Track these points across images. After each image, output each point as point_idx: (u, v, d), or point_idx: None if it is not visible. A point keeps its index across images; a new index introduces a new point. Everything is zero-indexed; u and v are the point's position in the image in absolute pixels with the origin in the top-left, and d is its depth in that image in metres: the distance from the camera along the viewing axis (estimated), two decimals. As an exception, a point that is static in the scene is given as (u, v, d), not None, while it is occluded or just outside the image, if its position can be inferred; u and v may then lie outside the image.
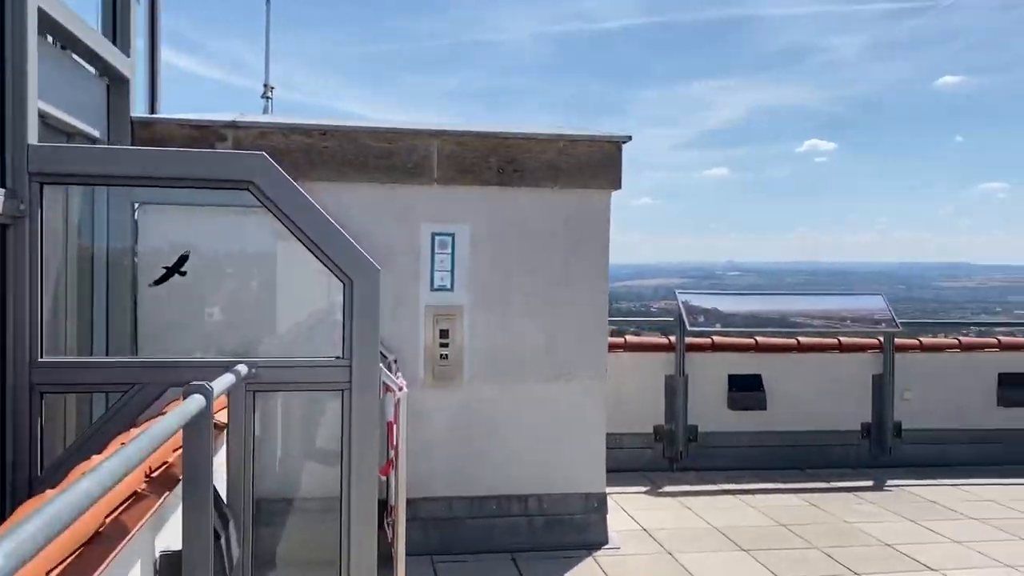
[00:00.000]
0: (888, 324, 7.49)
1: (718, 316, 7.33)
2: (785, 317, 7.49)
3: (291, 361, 3.58)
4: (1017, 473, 7.36)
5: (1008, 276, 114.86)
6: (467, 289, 5.31)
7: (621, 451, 7.24)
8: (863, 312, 7.60)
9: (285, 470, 5.09)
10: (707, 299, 7.44)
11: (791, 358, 7.59)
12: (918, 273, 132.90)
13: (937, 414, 7.69)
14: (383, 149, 5.17)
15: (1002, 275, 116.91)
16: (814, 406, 7.55)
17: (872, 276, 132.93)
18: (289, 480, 5.09)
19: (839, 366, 7.63)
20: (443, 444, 5.31)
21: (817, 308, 7.62)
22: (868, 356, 7.67)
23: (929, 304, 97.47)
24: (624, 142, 5.40)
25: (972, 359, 7.83)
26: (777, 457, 7.45)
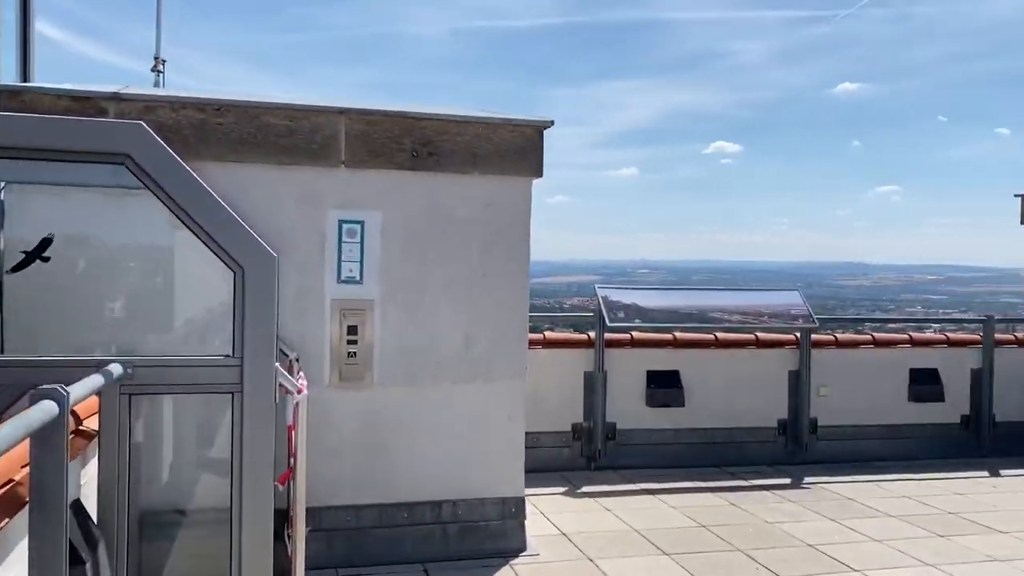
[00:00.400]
0: (805, 320, 7.42)
1: (637, 311, 7.12)
2: (704, 313, 7.34)
3: (172, 360, 3.14)
4: (927, 467, 7.40)
5: (901, 275, 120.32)
6: (378, 282, 4.91)
7: (539, 450, 6.95)
8: (780, 308, 7.52)
9: (177, 479, 4.60)
10: (626, 294, 7.22)
11: (709, 354, 7.45)
12: (817, 272, 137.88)
13: (852, 410, 7.67)
14: (285, 127, 4.72)
15: (895, 274, 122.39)
16: (732, 402, 7.43)
17: (774, 274, 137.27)
18: (181, 490, 4.61)
19: (757, 362, 7.54)
20: (350, 449, 4.91)
21: (735, 304, 7.50)
22: (785, 352, 7.59)
23: (828, 301, 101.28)
24: (546, 127, 5.09)
25: (885, 355, 7.85)
26: (695, 454, 7.30)
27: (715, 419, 7.38)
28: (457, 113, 5.00)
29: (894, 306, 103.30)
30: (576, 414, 7.11)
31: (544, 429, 6.95)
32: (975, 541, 5.44)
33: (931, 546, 5.35)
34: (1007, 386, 7.99)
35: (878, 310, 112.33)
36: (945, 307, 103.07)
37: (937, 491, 6.68)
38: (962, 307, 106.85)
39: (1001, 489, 6.81)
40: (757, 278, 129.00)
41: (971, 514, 6.05)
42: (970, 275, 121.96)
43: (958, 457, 7.77)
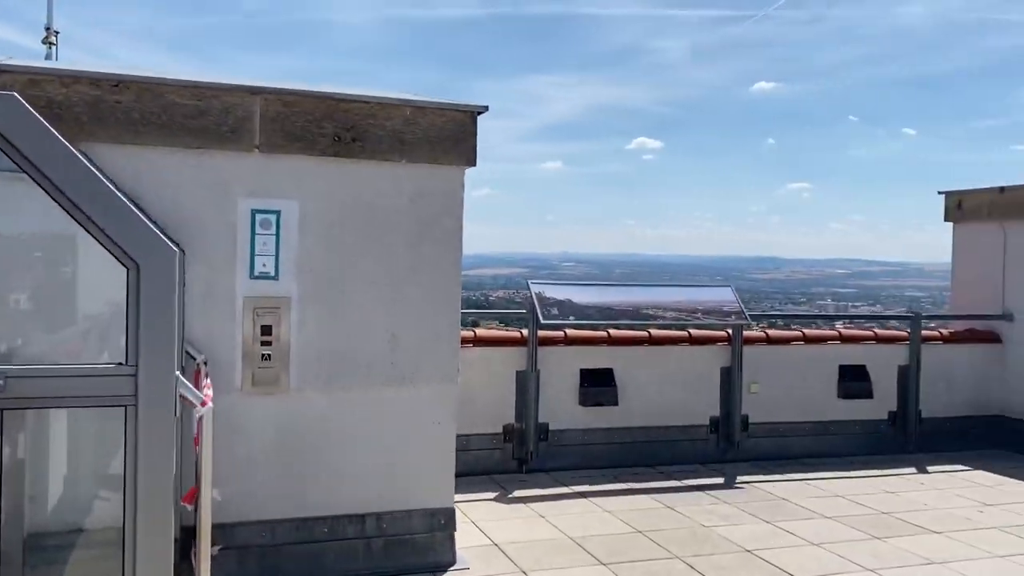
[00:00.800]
0: (737, 316, 7.29)
1: (571, 308, 6.86)
2: (638, 309, 7.13)
3: (53, 369, 2.71)
4: (857, 464, 7.36)
5: (811, 269, 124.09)
6: (295, 277, 4.50)
7: (468, 453, 6.63)
8: (713, 304, 7.36)
9: (73, 495, 4.13)
10: (560, 290, 6.95)
11: (643, 351, 7.24)
12: (733, 265, 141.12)
13: (782, 407, 7.59)
14: (193, 108, 4.27)
15: (806, 268, 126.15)
16: (665, 401, 7.25)
17: (693, 268, 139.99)
18: (77, 508, 4.14)
19: (690, 359, 7.37)
20: (265, 460, 4.49)
21: (669, 300, 7.31)
22: (718, 349, 7.45)
23: (744, 295, 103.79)
24: (479, 113, 4.76)
25: (815, 351, 7.78)
26: (629, 454, 7.09)
27: (649, 418, 7.19)
28: (384, 96, 4.62)
29: (805, 299, 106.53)
30: (507, 415, 6.81)
31: (474, 431, 6.64)
32: (911, 543, 5.35)
33: (869, 549, 5.23)
34: (932, 382, 8.03)
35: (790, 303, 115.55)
36: (853, 300, 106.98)
37: (869, 489, 6.62)
38: (869, 300, 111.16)
39: (928, 486, 6.80)
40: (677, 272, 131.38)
41: (904, 513, 5.98)
42: (876, 269, 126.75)
43: (886, 453, 7.77)
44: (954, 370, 8.19)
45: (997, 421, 8.24)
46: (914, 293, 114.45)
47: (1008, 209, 8.25)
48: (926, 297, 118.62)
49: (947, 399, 8.12)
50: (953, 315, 8.73)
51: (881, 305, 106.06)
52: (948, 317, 8.80)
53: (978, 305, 8.50)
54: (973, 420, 8.21)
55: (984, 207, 8.48)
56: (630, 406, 7.11)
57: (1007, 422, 8.19)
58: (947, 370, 8.14)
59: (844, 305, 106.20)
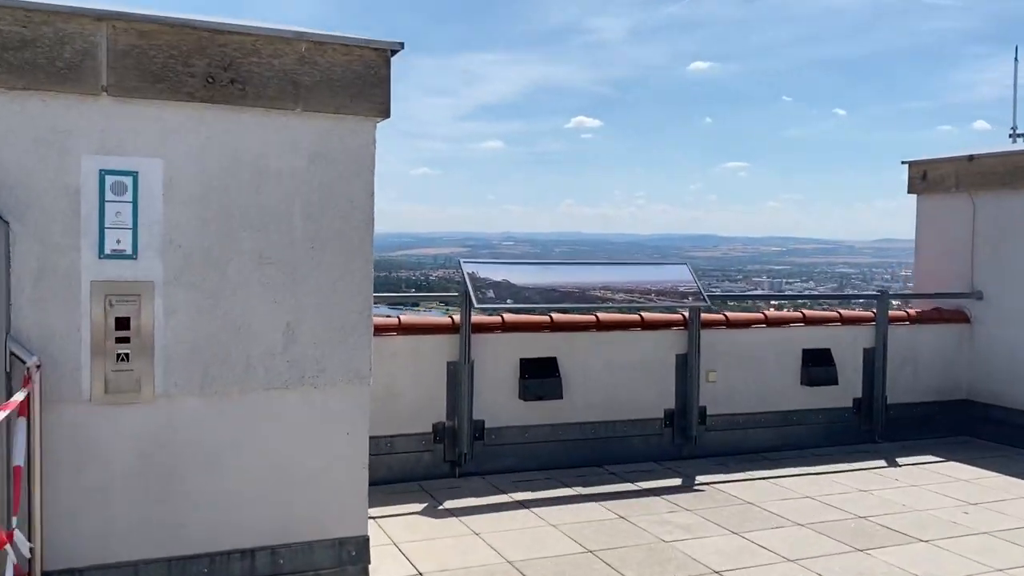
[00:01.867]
0: (695, 297, 6.52)
1: (510, 290, 6.00)
2: (585, 291, 6.30)
3: None
4: (823, 458, 6.69)
5: (747, 247, 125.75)
6: (160, 256, 3.54)
7: (394, 457, 5.76)
8: (668, 284, 6.58)
9: None
10: (496, 269, 6.08)
11: (590, 338, 6.42)
12: (671, 244, 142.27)
13: (742, 396, 6.86)
14: (16, 36, 3.26)
15: (742, 245, 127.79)
16: (615, 392, 6.45)
17: (632, 247, 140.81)
18: None
19: (642, 345, 6.58)
20: (125, 486, 3.54)
21: (620, 280, 6.50)
22: (673, 334, 6.67)
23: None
24: (394, 51, 3.84)
25: (777, 335, 7.06)
26: (575, 453, 6.29)
27: (597, 412, 6.39)
28: (272, 28, 3.66)
29: (742, 276, 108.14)
30: (438, 412, 5.93)
31: (399, 432, 5.76)
32: (899, 556, 4.65)
33: (853, 565, 4.52)
34: (899, 366, 7.40)
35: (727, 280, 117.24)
36: (788, 277, 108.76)
37: (839, 488, 5.94)
38: (803, 276, 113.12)
39: (903, 483, 6.14)
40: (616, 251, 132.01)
41: (883, 517, 5.30)
42: (809, 247, 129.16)
43: (851, 444, 7.13)
44: (920, 353, 7.56)
45: (964, 406, 7.66)
46: (845, 270, 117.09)
47: (977, 179, 7.63)
48: (856, 274, 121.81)
49: (913, 383, 7.50)
50: (919, 294, 8.11)
51: (814, 281, 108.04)
52: (914, 296, 8.18)
53: (944, 283, 7.90)
54: (939, 405, 7.61)
55: (951, 177, 7.86)
56: (576, 399, 6.30)
57: (974, 407, 7.61)
58: (913, 353, 7.51)
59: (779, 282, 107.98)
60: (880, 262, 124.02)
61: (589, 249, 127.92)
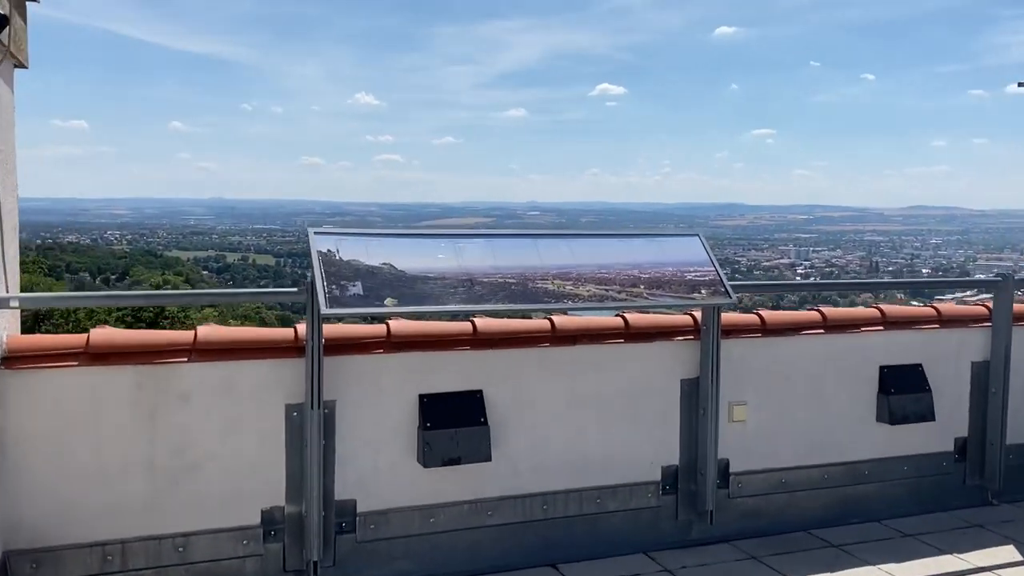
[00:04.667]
0: (711, 288, 3.90)
1: (395, 280, 3.42)
2: (531, 280, 3.69)
3: None
4: (909, 541, 4.10)
5: (775, 215, 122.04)
6: None
7: (193, 569, 3.28)
8: (670, 268, 3.95)
9: None
10: (374, 246, 3.49)
11: (540, 357, 3.86)
12: (697, 212, 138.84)
13: (785, 442, 4.27)
14: None
15: (770, 214, 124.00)
16: (582, 444, 3.90)
17: (658, 216, 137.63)
18: None
19: (627, 367, 4.00)
20: None
21: (592, 262, 3.89)
22: (676, 347, 4.08)
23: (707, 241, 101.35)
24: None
25: (841, 345, 4.43)
26: (514, 547, 3.76)
27: (551, 477, 3.84)
28: None
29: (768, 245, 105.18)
30: (272, 491, 3.42)
31: (201, 527, 3.27)
32: None
33: None
34: (1022, 389, 4.76)
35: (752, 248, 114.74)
36: (815, 245, 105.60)
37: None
38: (830, 244, 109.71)
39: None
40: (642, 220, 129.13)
41: None
42: (837, 214, 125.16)
43: (954, 507, 4.52)
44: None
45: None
46: (874, 238, 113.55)
47: None
48: (884, 242, 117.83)
49: (1045, 414, 4.85)
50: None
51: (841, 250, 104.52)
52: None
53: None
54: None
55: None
56: (516, 459, 3.76)
57: None
58: (1046, 367, 4.85)
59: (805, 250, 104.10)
60: (910, 229, 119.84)
61: (616, 219, 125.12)
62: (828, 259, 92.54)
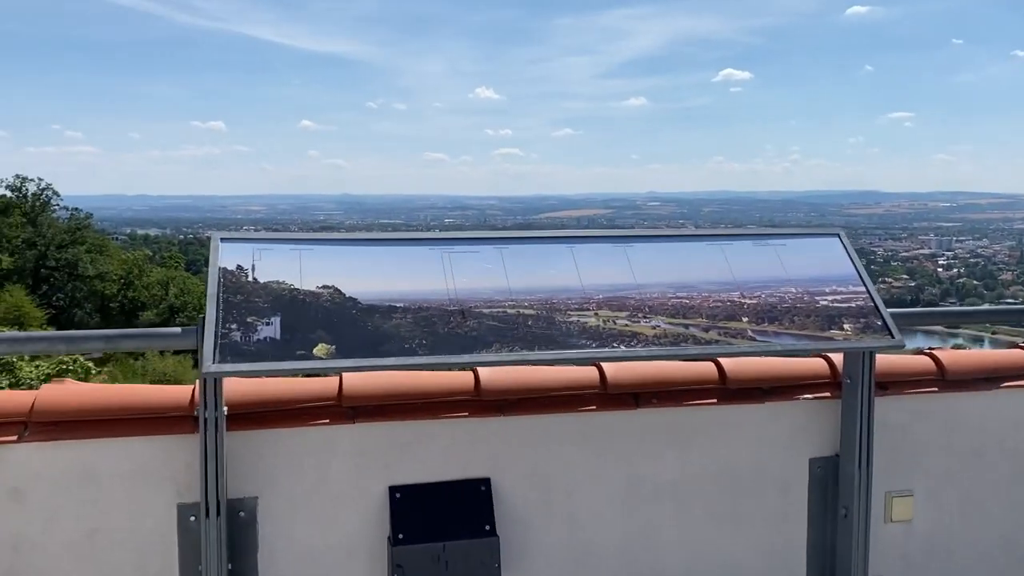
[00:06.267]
0: (863, 323, 2.42)
1: (349, 317, 2.16)
2: (562, 310, 2.34)
3: None
4: None
5: (914, 202, 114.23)
6: None
7: None
8: (794, 286, 2.51)
9: None
10: (318, 256, 2.25)
11: (583, 425, 2.52)
12: (830, 201, 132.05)
13: (971, 554, 2.75)
14: None
15: (908, 202, 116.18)
16: (650, 560, 2.53)
17: (785, 204, 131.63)
18: None
19: (723, 440, 2.58)
20: None
21: (665, 280, 2.50)
22: (802, 409, 2.63)
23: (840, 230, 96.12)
24: None
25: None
26: None
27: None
28: None
29: (906, 234, 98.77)
30: (155, 634, 2.24)
31: None
32: None
33: None
34: None
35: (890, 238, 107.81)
36: (958, 234, 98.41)
37: None
38: (976, 234, 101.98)
39: None
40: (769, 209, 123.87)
41: None
42: (984, 201, 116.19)
43: None
44: None
45: None
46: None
47: None
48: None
49: None
50: None
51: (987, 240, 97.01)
52: None
53: None
54: None
55: None
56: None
57: None
58: None
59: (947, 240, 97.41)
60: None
61: (741, 208, 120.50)
62: (973, 249, 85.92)
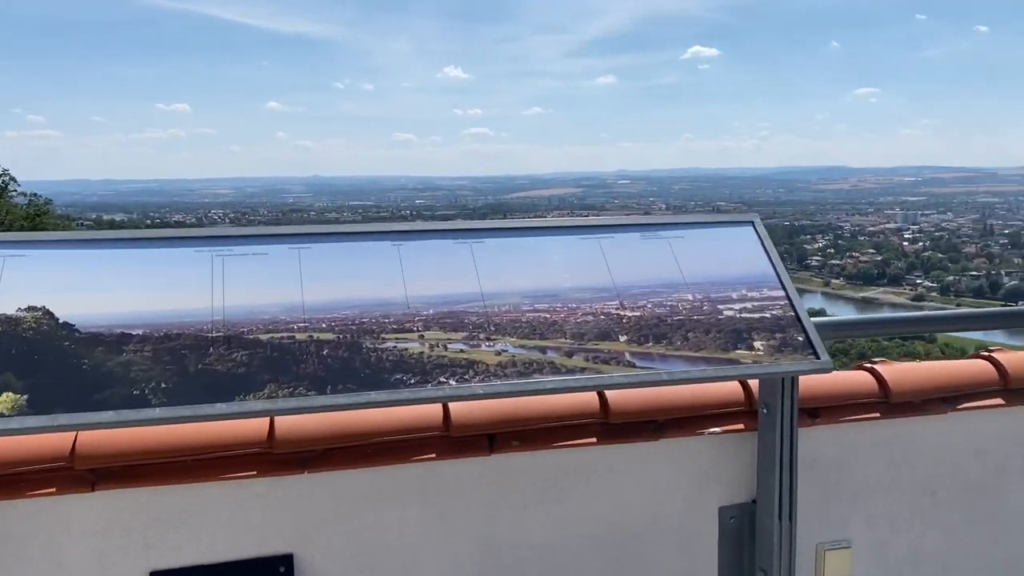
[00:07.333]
0: (780, 339, 1.87)
1: (60, 350, 1.56)
2: (363, 334, 1.74)
3: None
4: None
5: (880, 178, 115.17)
6: None
7: None
8: (690, 292, 1.94)
9: None
10: (67, 268, 1.64)
11: (422, 478, 1.94)
12: (799, 177, 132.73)
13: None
14: None
15: (875, 177, 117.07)
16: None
17: (754, 181, 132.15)
18: None
19: (608, 488, 2.03)
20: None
21: (523, 286, 1.91)
22: (707, 447, 2.08)
23: (808, 206, 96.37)
24: None
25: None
26: None
27: None
28: None
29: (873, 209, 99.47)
30: None
31: None
32: None
33: None
34: None
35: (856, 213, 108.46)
36: (923, 208, 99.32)
37: None
38: (941, 207, 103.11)
39: None
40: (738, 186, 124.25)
41: None
42: (948, 175, 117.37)
43: None
44: None
45: None
46: (987, 199, 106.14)
47: None
48: (1000, 203, 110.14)
49: None
50: None
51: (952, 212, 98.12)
52: None
53: None
54: None
55: None
56: None
57: None
58: None
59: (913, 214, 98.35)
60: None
61: (711, 185, 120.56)
62: (938, 223, 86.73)
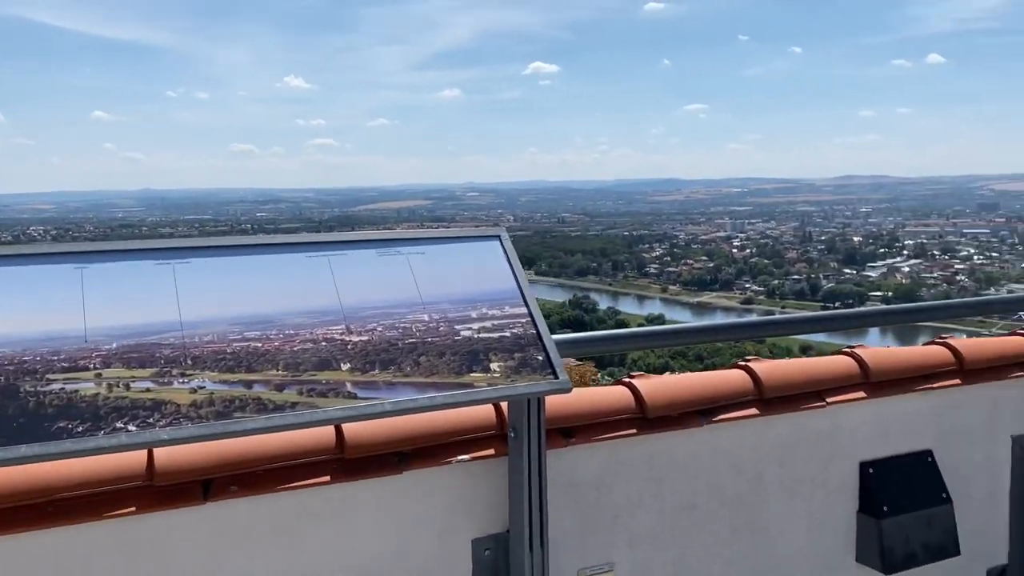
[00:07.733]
0: (520, 358, 1.76)
1: None
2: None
3: None
4: None
5: (710, 189, 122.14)
6: None
7: None
8: (427, 312, 1.80)
9: None
10: None
11: (110, 536, 1.69)
12: (636, 189, 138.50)
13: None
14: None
15: (705, 188, 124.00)
16: None
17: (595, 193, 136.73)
18: None
19: (344, 527, 1.86)
20: None
21: (221, 313, 1.69)
22: (454, 476, 1.95)
23: (645, 216, 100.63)
24: None
25: (783, 430, 2.35)
26: None
27: None
28: None
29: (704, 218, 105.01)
30: None
31: None
32: None
33: None
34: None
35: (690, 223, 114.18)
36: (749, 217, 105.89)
37: None
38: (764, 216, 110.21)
39: None
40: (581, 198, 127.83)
41: None
42: (771, 186, 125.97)
43: None
44: None
45: None
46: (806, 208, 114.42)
47: None
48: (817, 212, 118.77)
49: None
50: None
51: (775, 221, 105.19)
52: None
53: None
54: None
55: None
56: None
57: None
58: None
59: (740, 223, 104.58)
60: (841, 199, 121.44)
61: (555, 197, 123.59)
62: (763, 230, 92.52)
